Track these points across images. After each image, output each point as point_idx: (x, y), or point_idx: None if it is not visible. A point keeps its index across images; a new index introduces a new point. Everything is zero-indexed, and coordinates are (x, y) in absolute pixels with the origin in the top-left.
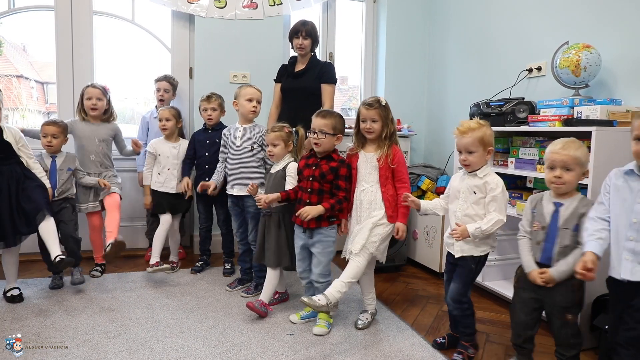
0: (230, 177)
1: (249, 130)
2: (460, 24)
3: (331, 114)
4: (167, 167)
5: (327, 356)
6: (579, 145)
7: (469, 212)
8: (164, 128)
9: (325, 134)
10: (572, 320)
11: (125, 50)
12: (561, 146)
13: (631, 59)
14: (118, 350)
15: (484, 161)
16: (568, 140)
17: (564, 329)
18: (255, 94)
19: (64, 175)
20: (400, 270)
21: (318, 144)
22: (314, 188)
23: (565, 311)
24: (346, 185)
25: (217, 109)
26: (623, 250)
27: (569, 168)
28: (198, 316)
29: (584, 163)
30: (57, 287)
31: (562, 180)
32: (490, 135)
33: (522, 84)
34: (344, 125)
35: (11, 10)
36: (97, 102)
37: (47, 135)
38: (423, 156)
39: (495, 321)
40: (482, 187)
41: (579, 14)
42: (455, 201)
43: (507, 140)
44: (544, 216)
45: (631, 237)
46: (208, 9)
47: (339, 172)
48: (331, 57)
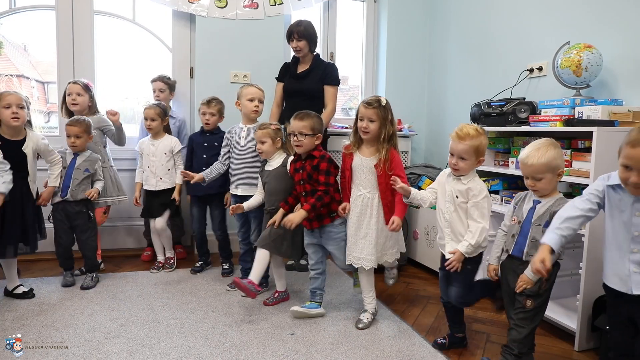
0: (234, 177)
1: (253, 130)
2: (461, 24)
3: (308, 115)
4: (147, 165)
5: (327, 356)
6: (545, 150)
7: (455, 214)
8: (149, 127)
9: (305, 135)
10: (530, 306)
11: (126, 50)
12: (525, 156)
13: (632, 59)
14: (119, 350)
15: (472, 169)
16: (533, 148)
17: (521, 313)
18: (257, 94)
19: (79, 175)
20: (401, 270)
21: (299, 145)
22: (307, 190)
23: (526, 297)
24: (326, 179)
25: (216, 114)
26: (630, 264)
27: (538, 177)
28: (198, 316)
29: (553, 167)
30: (70, 285)
31: (536, 188)
32: (485, 146)
33: (523, 84)
34: (322, 125)
35: (12, 9)
36: (77, 97)
37: (70, 135)
38: (423, 156)
39: (495, 321)
40: (465, 192)
41: (580, 14)
42: (442, 202)
43: (508, 141)
44: (522, 212)
45: (635, 250)
46: (209, 9)
47: (319, 167)
48: (332, 57)
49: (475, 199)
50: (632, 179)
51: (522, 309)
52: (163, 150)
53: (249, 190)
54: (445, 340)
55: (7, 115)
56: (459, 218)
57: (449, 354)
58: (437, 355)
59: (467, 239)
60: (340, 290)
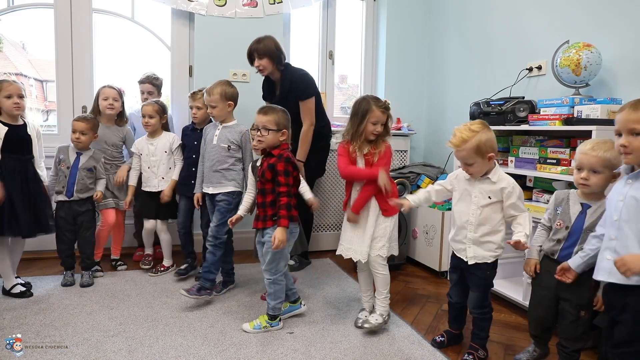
0: (205, 175)
1: (227, 129)
2: (461, 22)
3: (273, 110)
4: (148, 166)
5: (326, 355)
6: (610, 146)
7: (482, 217)
8: (147, 125)
9: (268, 130)
10: (584, 316)
11: (125, 48)
12: (590, 147)
13: (632, 58)
14: (117, 349)
15: (487, 167)
16: (599, 141)
17: (576, 324)
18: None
19: (83, 174)
20: (400, 269)
21: (261, 141)
22: (258, 188)
23: (580, 308)
24: (286, 180)
25: (202, 107)
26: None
27: (596, 170)
28: (197, 315)
29: (614, 165)
30: (69, 285)
31: (589, 182)
32: (487, 141)
33: (522, 83)
34: (288, 120)
35: (10, 7)
36: (114, 102)
37: (75, 131)
38: (423, 155)
39: (495, 321)
40: (498, 192)
41: (580, 13)
42: (465, 204)
43: (507, 139)
44: (570, 216)
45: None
46: (208, 7)
47: (276, 168)
48: (331, 56)
49: (510, 199)
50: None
51: (577, 321)
52: (163, 149)
53: (219, 188)
54: (444, 337)
55: (9, 105)
56: (493, 214)
57: (448, 353)
58: (436, 354)
59: (521, 229)
60: (340, 290)
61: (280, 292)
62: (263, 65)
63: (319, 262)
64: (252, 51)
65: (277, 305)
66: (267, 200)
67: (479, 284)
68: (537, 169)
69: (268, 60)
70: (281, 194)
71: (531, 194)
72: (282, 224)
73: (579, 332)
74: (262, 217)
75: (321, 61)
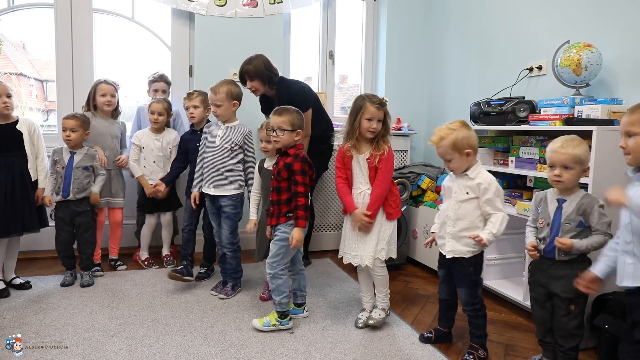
0: (206, 175)
1: (230, 129)
2: (461, 22)
3: (288, 110)
4: (153, 160)
5: (326, 355)
6: (578, 143)
7: (461, 212)
8: (156, 121)
9: (284, 130)
10: (574, 311)
11: (125, 48)
12: (560, 145)
13: (632, 58)
14: (117, 349)
15: (467, 163)
16: (567, 139)
17: (566, 318)
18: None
19: (79, 173)
20: (400, 269)
21: (277, 141)
22: (273, 186)
23: (569, 302)
24: (303, 179)
25: (200, 106)
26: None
27: (567, 166)
28: (197, 314)
29: (583, 161)
30: (69, 284)
31: (562, 179)
32: (464, 138)
33: (523, 83)
34: (302, 120)
35: (10, 7)
36: (112, 98)
37: (65, 129)
38: (423, 155)
39: (495, 321)
40: (475, 188)
41: (580, 13)
42: (448, 200)
43: (507, 140)
44: (548, 213)
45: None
46: (208, 7)
47: (293, 167)
48: (331, 56)
49: (486, 194)
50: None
51: (568, 316)
52: (167, 145)
53: (220, 190)
54: (432, 334)
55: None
56: (472, 210)
57: (448, 353)
58: (436, 355)
59: (489, 228)
60: (340, 290)
61: (283, 287)
62: (255, 87)
63: (319, 262)
64: (242, 73)
65: (283, 300)
66: (282, 197)
67: (464, 280)
68: (537, 169)
69: (259, 82)
70: (298, 194)
71: (531, 194)
72: (300, 225)
73: (571, 327)
74: (277, 214)
75: (321, 61)
